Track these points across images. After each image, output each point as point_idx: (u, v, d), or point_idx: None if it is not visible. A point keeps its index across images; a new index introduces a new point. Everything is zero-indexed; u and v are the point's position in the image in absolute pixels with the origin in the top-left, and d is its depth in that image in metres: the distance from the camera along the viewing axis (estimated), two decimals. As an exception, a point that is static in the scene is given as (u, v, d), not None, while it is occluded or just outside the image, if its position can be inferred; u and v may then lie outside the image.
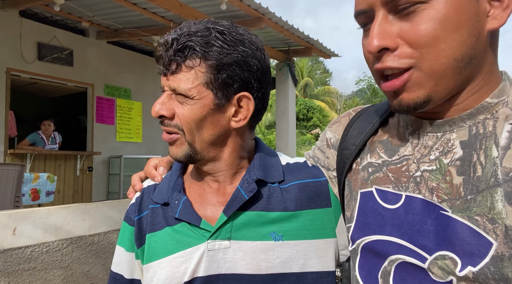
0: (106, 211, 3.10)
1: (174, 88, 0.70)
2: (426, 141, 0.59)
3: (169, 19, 4.85)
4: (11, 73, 4.98)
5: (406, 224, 0.57)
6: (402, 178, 0.60)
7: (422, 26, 0.50)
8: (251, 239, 0.73)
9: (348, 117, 0.76)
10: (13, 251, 2.47)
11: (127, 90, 6.45)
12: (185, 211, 0.75)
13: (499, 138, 0.53)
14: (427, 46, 0.51)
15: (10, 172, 3.47)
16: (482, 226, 0.50)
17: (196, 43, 0.67)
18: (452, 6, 0.50)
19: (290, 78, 5.78)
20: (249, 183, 0.74)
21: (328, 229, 0.77)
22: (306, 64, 24.01)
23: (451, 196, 0.54)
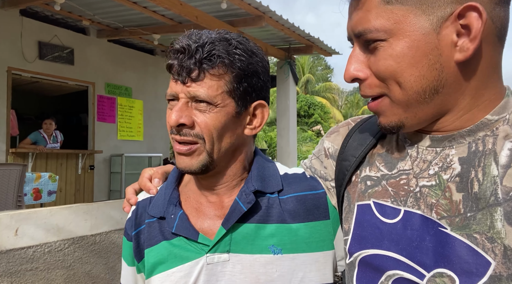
0: (107, 211, 3.12)
1: (194, 96, 0.69)
2: (425, 155, 0.59)
3: (169, 17, 4.84)
4: (12, 72, 4.99)
5: (405, 240, 0.57)
6: (401, 192, 0.60)
7: (381, 61, 0.55)
8: (250, 252, 0.72)
9: (347, 128, 0.76)
10: (16, 252, 2.48)
11: (128, 89, 6.45)
12: (182, 225, 0.74)
13: (498, 156, 0.53)
14: (387, 79, 0.55)
15: (12, 172, 3.49)
16: (481, 244, 0.50)
17: (222, 52, 0.69)
18: (407, 43, 0.53)
19: (290, 76, 5.77)
20: (247, 195, 0.73)
21: (327, 241, 0.77)
22: (307, 61, 23.95)
23: (451, 212, 0.54)
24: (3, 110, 4.91)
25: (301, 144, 16.84)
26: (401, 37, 0.53)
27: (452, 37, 0.51)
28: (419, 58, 0.52)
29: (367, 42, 0.55)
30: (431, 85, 0.53)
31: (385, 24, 0.53)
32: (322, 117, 21.17)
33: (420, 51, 0.52)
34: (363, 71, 0.57)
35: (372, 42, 0.55)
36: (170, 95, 0.72)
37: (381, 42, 0.54)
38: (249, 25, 4.70)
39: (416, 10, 0.52)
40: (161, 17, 4.80)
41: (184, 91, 0.69)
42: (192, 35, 0.71)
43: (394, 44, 0.53)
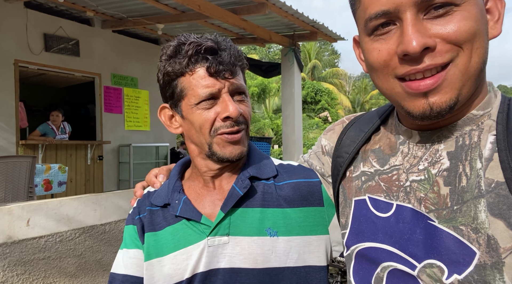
0: (116, 200, 3.19)
1: (237, 88, 0.77)
2: (415, 151, 0.61)
3: (172, 6, 4.82)
4: (19, 64, 5.04)
5: (397, 232, 0.60)
6: (393, 187, 0.62)
7: (460, 23, 0.51)
8: (248, 235, 0.77)
9: (342, 125, 0.78)
10: (28, 241, 2.57)
11: (134, 79, 6.48)
12: (186, 208, 0.80)
13: (482, 150, 0.54)
14: (466, 41, 0.51)
15: (22, 163, 3.57)
16: (467, 235, 0.52)
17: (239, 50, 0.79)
18: (479, 9, 0.53)
19: (295, 63, 5.72)
20: (243, 180, 0.79)
21: (321, 226, 0.81)
22: (313, 46, 23.65)
23: (438, 206, 0.56)
24: (12, 103, 4.99)
25: (308, 131, 16.79)
26: (473, 4, 0.52)
27: (488, 16, 0.54)
28: (485, 26, 0.53)
29: (433, 7, 0.51)
30: (486, 56, 0.53)
31: None
32: (329, 103, 21.02)
33: (484, 19, 0.53)
34: (432, 39, 0.52)
35: (441, 7, 0.51)
36: (209, 95, 0.76)
37: (455, 7, 0.51)
38: (252, 13, 4.66)
39: None
40: (164, 7, 4.78)
41: (227, 86, 0.77)
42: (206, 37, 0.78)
43: (470, 9, 0.52)
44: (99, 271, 3.04)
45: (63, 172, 4.24)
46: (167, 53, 0.78)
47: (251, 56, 22.57)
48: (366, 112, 0.77)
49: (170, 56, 0.77)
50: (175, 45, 0.77)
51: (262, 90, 16.46)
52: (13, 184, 3.53)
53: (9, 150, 4.83)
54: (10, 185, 3.51)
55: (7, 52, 4.87)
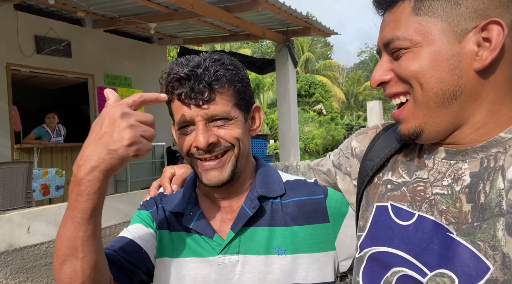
0: (115, 204, 3.19)
1: (213, 115, 0.75)
2: (440, 167, 0.63)
3: (165, 5, 4.78)
4: (11, 68, 4.99)
5: (415, 241, 0.62)
6: (417, 197, 0.64)
7: (406, 64, 0.60)
8: (257, 253, 0.79)
9: (375, 131, 0.80)
10: (29, 248, 2.57)
11: (128, 79, 6.44)
12: (200, 223, 0.81)
13: (506, 171, 0.56)
14: (411, 79, 0.59)
15: (19, 169, 3.56)
16: (484, 251, 0.54)
17: (223, 71, 0.76)
18: (431, 49, 0.58)
19: (289, 59, 5.72)
20: (252, 200, 0.80)
21: (327, 242, 0.82)
22: (306, 39, 23.59)
23: (459, 220, 0.58)
24: (5, 107, 4.94)
25: (303, 124, 16.81)
26: (426, 44, 0.58)
27: (473, 47, 0.56)
28: (440, 61, 0.57)
29: (393, 51, 0.61)
30: (450, 89, 0.57)
31: (412, 33, 0.58)
32: (323, 96, 21.03)
33: (441, 55, 0.57)
34: (388, 75, 0.62)
35: (397, 50, 0.60)
36: (184, 122, 0.77)
37: (406, 50, 0.59)
38: (245, 10, 4.64)
39: (442, 22, 0.57)
40: (156, 6, 4.74)
41: (200, 114, 0.75)
42: (185, 62, 0.76)
43: (419, 51, 0.58)
44: (101, 275, 3.06)
45: (60, 176, 4.22)
46: (160, 81, 0.81)
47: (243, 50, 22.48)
48: None
49: (160, 82, 0.80)
50: (162, 73, 0.79)
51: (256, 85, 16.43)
52: (10, 190, 3.51)
53: (4, 154, 4.79)
54: (8, 191, 3.49)
55: (-1, 56, 4.81)
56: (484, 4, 0.55)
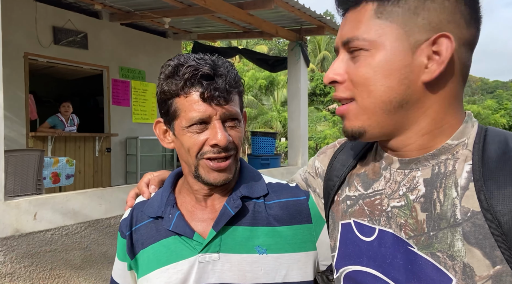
0: (121, 195, 3.26)
1: (230, 115, 0.77)
2: (395, 177, 0.64)
3: (179, 0, 4.82)
4: (28, 57, 5.12)
5: (380, 257, 0.62)
6: (375, 211, 0.65)
7: (360, 68, 0.60)
8: (238, 252, 0.80)
9: (333, 149, 0.81)
10: (35, 234, 2.66)
11: (141, 72, 6.53)
12: (179, 224, 0.82)
13: (458, 179, 0.56)
14: (361, 85, 0.60)
15: (31, 157, 3.66)
16: (443, 262, 0.55)
17: (238, 74, 0.80)
18: (385, 56, 0.58)
19: (302, 58, 5.69)
20: (234, 200, 0.81)
21: (309, 243, 0.84)
22: (324, 37, 23.36)
23: (417, 232, 0.58)
24: (22, 95, 5.08)
25: (316, 123, 16.69)
26: (382, 50, 0.58)
27: (423, 60, 0.57)
28: (392, 71, 0.58)
29: (351, 50, 0.60)
30: (398, 98, 0.58)
31: (371, 35, 0.59)
32: (339, 95, 20.77)
33: (394, 65, 0.58)
34: (341, 76, 0.62)
35: (355, 51, 0.60)
36: (200, 120, 0.76)
37: (364, 51, 0.59)
38: (258, 8, 4.63)
39: (400, 29, 0.57)
40: (171, 1, 4.77)
41: (219, 112, 0.76)
42: (206, 60, 0.77)
43: (374, 55, 0.58)
44: (104, 264, 3.13)
45: (70, 165, 4.33)
46: (165, 73, 0.78)
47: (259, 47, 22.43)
48: None
49: (167, 76, 0.77)
50: (174, 66, 0.77)
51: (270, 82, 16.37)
52: (22, 177, 3.62)
53: (19, 142, 4.94)
54: (19, 178, 3.60)
55: (17, 45, 4.94)
56: (439, 18, 0.57)
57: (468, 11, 0.57)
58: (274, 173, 5.27)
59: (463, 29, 0.57)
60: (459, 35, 0.57)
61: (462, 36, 0.57)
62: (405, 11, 0.57)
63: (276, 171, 5.42)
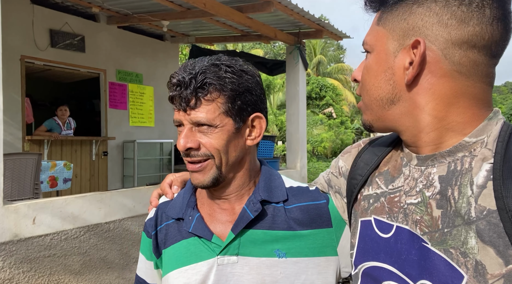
0: (120, 199, 3.22)
1: (196, 121, 0.78)
2: (413, 174, 0.65)
3: (178, 3, 4.81)
4: (25, 60, 5.07)
5: (396, 253, 0.63)
6: (394, 208, 0.66)
7: (363, 69, 0.68)
8: (257, 255, 0.80)
9: (358, 149, 0.82)
10: (34, 239, 2.61)
11: (139, 75, 6.50)
12: (199, 226, 0.83)
13: (474, 177, 0.56)
14: (362, 84, 0.69)
15: (28, 161, 3.61)
16: (456, 259, 0.55)
17: (213, 79, 0.77)
18: (375, 58, 0.65)
19: (300, 62, 5.70)
20: (254, 203, 0.82)
21: (329, 247, 0.83)
22: (319, 42, 23.51)
23: (432, 228, 0.59)
24: (18, 98, 5.02)
25: (312, 127, 16.74)
26: (375, 52, 0.65)
27: (405, 63, 0.61)
28: (378, 72, 0.64)
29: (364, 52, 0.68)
30: (387, 96, 0.64)
31: (371, 39, 0.66)
32: (334, 99, 20.93)
33: (381, 67, 0.64)
34: (358, 76, 0.70)
35: (366, 53, 0.67)
36: (177, 122, 0.81)
37: (368, 53, 0.67)
38: (257, 11, 4.63)
39: (389, 34, 0.63)
40: (170, 3, 4.77)
41: (186, 118, 0.79)
42: (187, 66, 0.79)
43: (370, 57, 0.66)
44: (103, 269, 3.09)
45: (68, 169, 4.28)
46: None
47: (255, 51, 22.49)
48: (382, 136, 0.81)
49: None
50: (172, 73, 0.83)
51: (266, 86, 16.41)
52: (19, 181, 3.57)
53: (15, 145, 4.88)
54: (16, 182, 3.55)
55: (14, 48, 4.89)
56: (422, 22, 0.59)
57: (462, 10, 0.57)
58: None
59: (453, 29, 0.57)
60: (445, 37, 0.57)
61: (451, 37, 0.57)
62: (394, 17, 0.62)
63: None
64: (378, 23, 0.64)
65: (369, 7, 0.67)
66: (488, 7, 0.57)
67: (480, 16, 0.57)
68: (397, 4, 0.62)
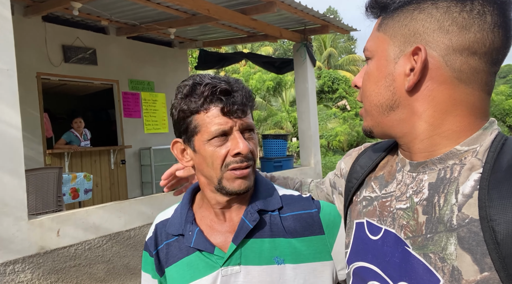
0: (138, 207, 3.32)
1: (248, 126, 0.83)
2: (405, 179, 0.65)
3: (183, 11, 4.89)
4: (41, 77, 5.25)
5: (382, 254, 0.66)
6: (384, 212, 0.67)
7: (363, 76, 0.68)
8: (258, 264, 0.83)
9: (358, 152, 0.84)
10: (59, 251, 2.73)
11: (150, 83, 6.62)
12: (199, 240, 0.85)
13: (460, 186, 0.57)
14: (362, 90, 0.69)
15: (50, 174, 3.76)
16: (433, 263, 0.56)
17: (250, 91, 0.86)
18: (376, 65, 0.65)
19: (308, 58, 5.70)
20: (252, 213, 0.85)
21: (324, 253, 0.86)
22: (328, 35, 23.25)
23: (415, 233, 0.60)
24: (37, 115, 5.21)
25: (325, 121, 16.62)
26: (376, 58, 0.64)
27: (405, 69, 0.60)
28: (379, 78, 0.64)
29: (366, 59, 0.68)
30: (386, 102, 0.64)
31: (371, 45, 0.65)
32: (347, 91, 20.68)
33: (381, 73, 0.63)
34: (359, 82, 0.70)
35: (367, 59, 0.67)
36: (222, 131, 0.81)
37: (369, 60, 0.66)
38: (261, 12, 4.66)
39: (389, 40, 0.62)
40: (175, 11, 4.85)
41: (238, 124, 0.82)
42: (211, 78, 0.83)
43: (371, 63, 0.66)
44: (127, 275, 3.19)
45: (88, 180, 4.42)
46: (183, 92, 0.82)
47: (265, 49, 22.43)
48: (381, 141, 0.82)
49: (186, 95, 0.82)
50: (191, 85, 0.82)
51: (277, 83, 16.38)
52: (42, 194, 3.72)
53: (37, 160, 5.06)
54: (40, 195, 3.70)
55: (30, 66, 5.07)
56: (423, 28, 0.58)
57: (464, 16, 0.56)
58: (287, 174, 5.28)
59: (454, 36, 0.57)
60: (446, 43, 0.57)
61: (452, 43, 0.57)
62: (395, 23, 0.61)
63: (290, 172, 5.44)
64: (379, 29, 0.64)
65: (370, 13, 0.67)
66: (489, 14, 0.56)
67: (481, 23, 0.56)
68: (398, 10, 0.61)
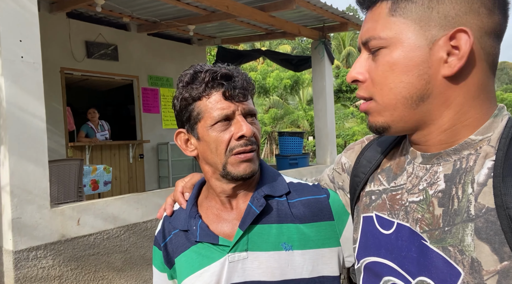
0: (155, 199, 3.39)
1: (249, 110, 0.84)
2: (417, 172, 0.64)
3: (202, 8, 4.94)
4: (64, 72, 5.41)
5: (396, 249, 0.64)
6: (395, 205, 0.66)
7: (380, 67, 0.61)
8: (265, 250, 0.83)
9: (361, 146, 0.82)
10: (79, 239, 2.82)
11: (169, 79, 6.72)
12: (203, 233, 0.86)
13: (475, 175, 0.56)
14: (381, 83, 0.61)
15: (71, 166, 3.88)
16: (453, 256, 0.56)
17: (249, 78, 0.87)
18: (403, 53, 0.58)
19: (326, 56, 5.66)
20: (258, 199, 0.85)
21: (332, 239, 0.86)
22: (348, 33, 22.99)
23: (432, 226, 0.59)
24: (60, 108, 5.37)
25: (343, 120, 16.45)
26: (399, 46, 0.58)
27: (442, 55, 0.56)
28: (410, 67, 0.58)
29: (372, 50, 0.61)
30: (418, 93, 0.58)
31: (388, 33, 0.59)
32: (366, 91, 20.34)
33: (412, 61, 0.58)
34: (363, 74, 0.63)
35: (375, 50, 0.61)
36: (225, 116, 0.81)
37: (383, 49, 0.60)
38: (280, 9, 4.66)
39: (415, 25, 0.57)
40: (195, 8, 4.91)
41: (239, 108, 0.82)
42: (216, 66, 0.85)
43: (392, 52, 0.59)
44: (143, 265, 3.27)
45: (107, 172, 4.54)
46: (184, 80, 0.83)
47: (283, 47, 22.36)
48: None
49: (187, 82, 0.83)
50: (192, 73, 0.83)
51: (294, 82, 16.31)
52: (64, 185, 3.84)
53: (60, 152, 5.23)
54: (62, 186, 3.83)
55: (54, 61, 5.23)
56: (455, 10, 0.56)
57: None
58: (303, 172, 5.28)
59: (484, 18, 0.55)
60: (479, 25, 0.55)
61: (483, 25, 0.55)
62: (418, 7, 0.57)
63: (305, 170, 5.43)
64: (394, 13, 0.58)
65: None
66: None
67: (501, 5, 0.57)
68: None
